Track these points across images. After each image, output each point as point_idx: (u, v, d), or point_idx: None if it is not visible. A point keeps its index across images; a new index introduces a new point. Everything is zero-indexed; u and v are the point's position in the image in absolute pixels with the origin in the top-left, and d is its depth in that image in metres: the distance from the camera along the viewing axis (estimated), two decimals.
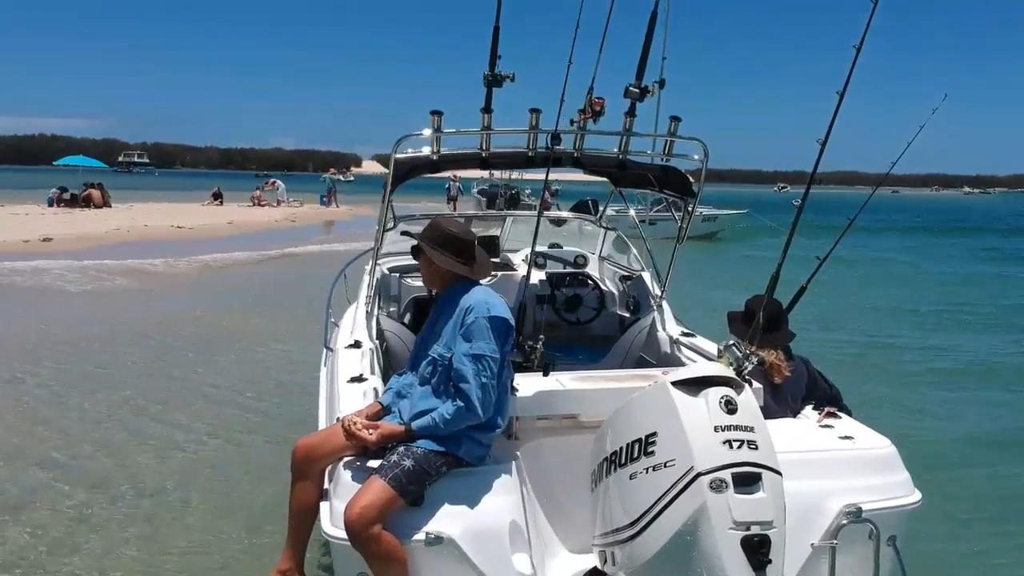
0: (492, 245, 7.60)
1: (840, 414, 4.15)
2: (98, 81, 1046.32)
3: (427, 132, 4.84)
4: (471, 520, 3.30)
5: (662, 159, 5.19)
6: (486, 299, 3.59)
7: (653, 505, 2.98)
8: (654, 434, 3.05)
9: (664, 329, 5.68)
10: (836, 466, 3.64)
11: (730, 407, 2.99)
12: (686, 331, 5.63)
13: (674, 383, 3.07)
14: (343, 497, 3.30)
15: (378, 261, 6.28)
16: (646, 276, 6.39)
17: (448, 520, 3.28)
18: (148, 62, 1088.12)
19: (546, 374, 4.04)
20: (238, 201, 43.67)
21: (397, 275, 6.95)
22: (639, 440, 3.09)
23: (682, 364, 5.07)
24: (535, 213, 5.84)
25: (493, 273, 7.10)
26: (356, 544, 3.21)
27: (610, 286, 7.11)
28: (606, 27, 5.13)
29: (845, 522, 3.44)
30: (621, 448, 3.17)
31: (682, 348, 5.39)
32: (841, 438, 3.83)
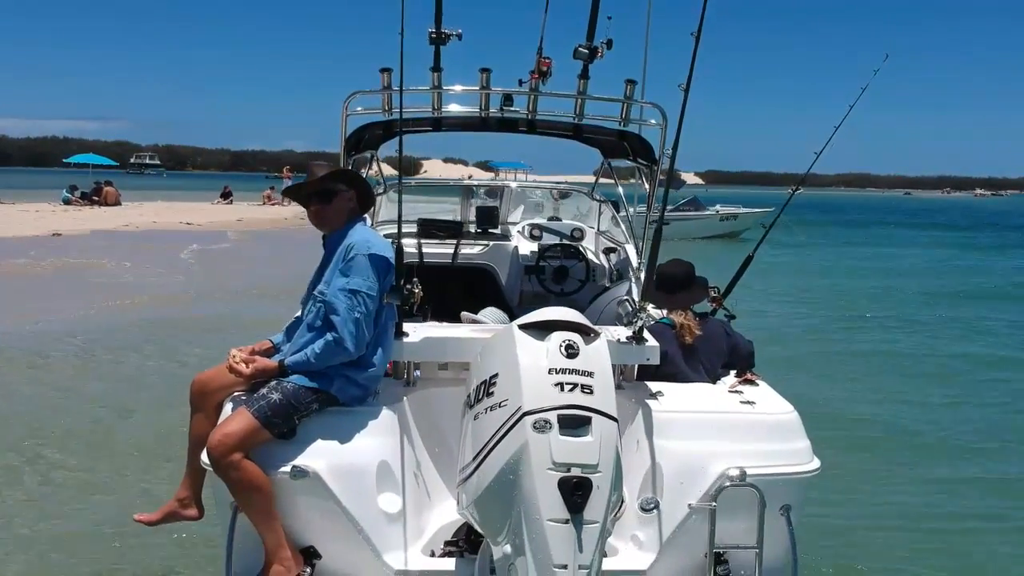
0: (491, 216, 7.63)
1: (758, 381, 4.08)
2: (111, 84, 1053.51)
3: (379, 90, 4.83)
4: (339, 457, 3.34)
5: (619, 124, 5.13)
6: (368, 237, 3.64)
7: (486, 444, 2.98)
8: (496, 375, 3.05)
9: (637, 299, 5.68)
10: (729, 429, 3.57)
11: (571, 351, 2.96)
12: None
13: (521, 326, 3.06)
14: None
15: (374, 227, 6.30)
16: (630, 248, 6.39)
17: (316, 455, 3.33)
18: (161, 65, 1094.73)
19: (425, 319, 3.98)
20: (249, 201, 43.84)
21: (389, 241, 6.99)
22: (484, 381, 3.10)
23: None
24: (503, 182, 5.89)
25: (484, 243, 7.17)
26: (217, 471, 3.29)
27: (602, 259, 7.12)
28: None
29: (728, 484, 3.36)
30: (473, 390, 3.17)
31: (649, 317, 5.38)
32: (743, 403, 3.77)
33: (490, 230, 7.53)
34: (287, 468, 3.28)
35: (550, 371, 2.92)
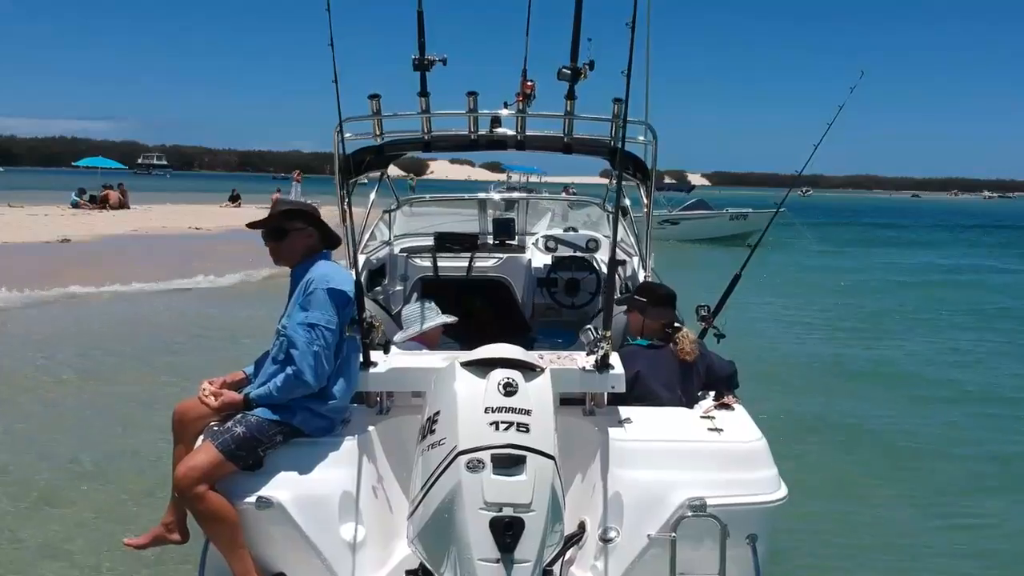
0: (508, 228, 7.59)
1: (735, 405, 4.04)
2: (120, 84, 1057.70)
3: (368, 117, 4.96)
4: (302, 488, 3.44)
5: (610, 143, 5.20)
6: (327, 272, 3.71)
7: (427, 480, 3.02)
8: (438, 412, 3.09)
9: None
10: (692, 458, 3.54)
11: (509, 389, 2.98)
12: None
13: (463, 363, 3.11)
14: None
15: (391, 242, 6.56)
16: (635, 261, 6.37)
17: (280, 486, 3.43)
18: (169, 65, 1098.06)
19: (386, 351, 4.01)
20: (256, 203, 43.80)
21: (405, 255, 7.01)
22: (429, 418, 3.14)
23: None
24: (531, 196, 5.94)
25: (499, 256, 7.15)
26: (184, 502, 3.46)
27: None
28: (528, 14, 5.46)
29: (688, 515, 3.34)
30: (421, 425, 3.22)
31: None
32: (711, 430, 3.72)
33: (507, 242, 7.50)
34: (252, 499, 3.39)
35: (487, 410, 2.96)
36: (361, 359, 3.85)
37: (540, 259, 7.39)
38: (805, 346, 12.59)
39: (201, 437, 3.59)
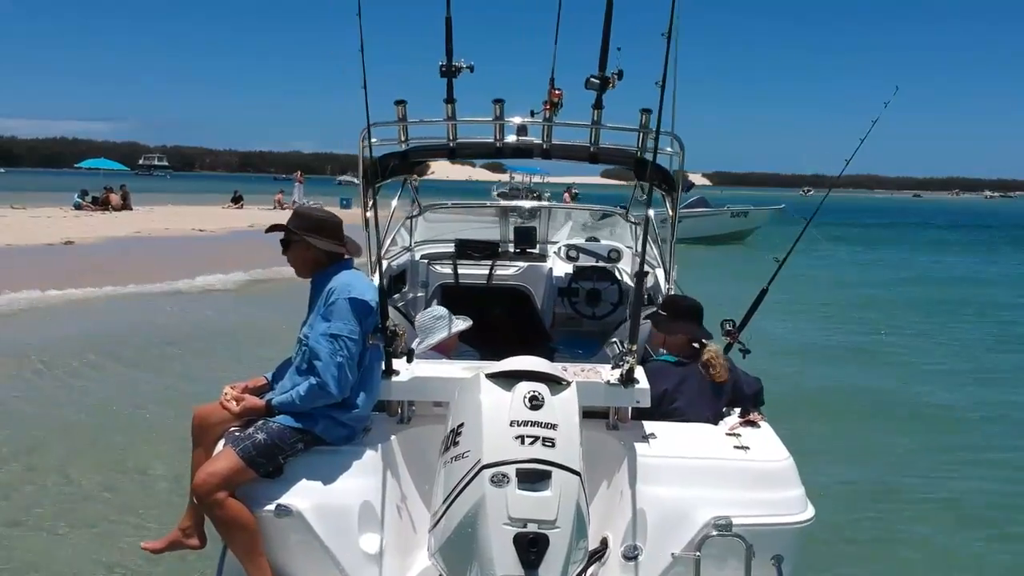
0: (529, 236, 7.54)
1: (760, 423, 3.98)
2: (119, 85, 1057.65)
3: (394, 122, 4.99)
4: (322, 496, 3.41)
5: (636, 152, 5.20)
6: (349, 281, 3.69)
7: (450, 494, 2.99)
8: (462, 424, 3.06)
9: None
10: (718, 476, 3.49)
11: (535, 403, 2.95)
12: None
13: (488, 375, 3.08)
14: None
15: (412, 248, 6.57)
16: (659, 272, 6.33)
17: (300, 495, 3.40)
18: (169, 65, 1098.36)
19: (409, 360, 3.99)
20: (258, 204, 43.78)
21: (426, 262, 6.98)
22: (453, 430, 3.12)
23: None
24: (550, 204, 5.96)
25: (519, 264, 7.13)
26: (203, 508, 3.46)
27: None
28: (558, 21, 5.41)
29: (713, 534, 3.29)
30: (445, 436, 3.20)
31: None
32: (737, 447, 3.66)
33: (528, 250, 7.46)
34: (271, 507, 3.36)
35: (512, 423, 2.93)
36: (383, 367, 3.82)
37: (561, 268, 7.34)
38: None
39: (221, 442, 3.57)
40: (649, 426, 3.84)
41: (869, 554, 5.76)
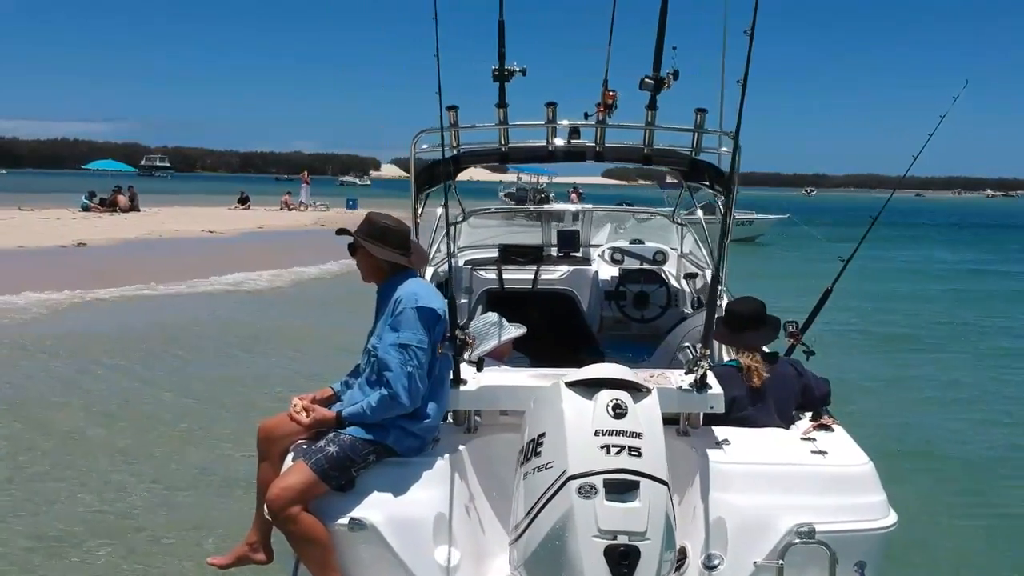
0: (572, 240, 7.55)
1: (834, 426, 3.90)
2: (120, 85, 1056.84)
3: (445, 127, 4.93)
4: (396, 509, 3.34)
5: (691, 152, 5.15)
6: (416, 290, 3.63)
7: (533, 507, 2.93)
8: (543, 434, 3.01)
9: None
10: (798, 482, 3.41)
11: (618, 411, 2.90)
12: None
13: (568, 384, 3.03)
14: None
15: (455, 253, 6.37)
16: (708, 274, 6.28)
17: (373, 507, 3.33)
18: (169, 66, 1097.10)
19: (480, 368, 3.94)
20: (265, 205, 43.72)
21: (470, 267, 6.97)
22: (533, 440, 3.06)
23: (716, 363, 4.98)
24: (609, 208, 5.84)
25: (564, 268, 7.16)
26: (276, 523, 3.38)
27: (684, 284, 6.98)
28: (612, 21, 5.29)
29: (796, 541, 3.22)
30: (523, 447, 3.14)
31: (724, 347, 5.20)
32: (814, 452, 3.58)
33: (572, 254, 7.46)
34: (345, 520, 3.30)
35: (596, 432, 2.89)
36: (452, 376, 3.78)
37: (607, 271, 7.30)
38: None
39: (291, 456, 3.51)
40: (720, 432, 3.76)
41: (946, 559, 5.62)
